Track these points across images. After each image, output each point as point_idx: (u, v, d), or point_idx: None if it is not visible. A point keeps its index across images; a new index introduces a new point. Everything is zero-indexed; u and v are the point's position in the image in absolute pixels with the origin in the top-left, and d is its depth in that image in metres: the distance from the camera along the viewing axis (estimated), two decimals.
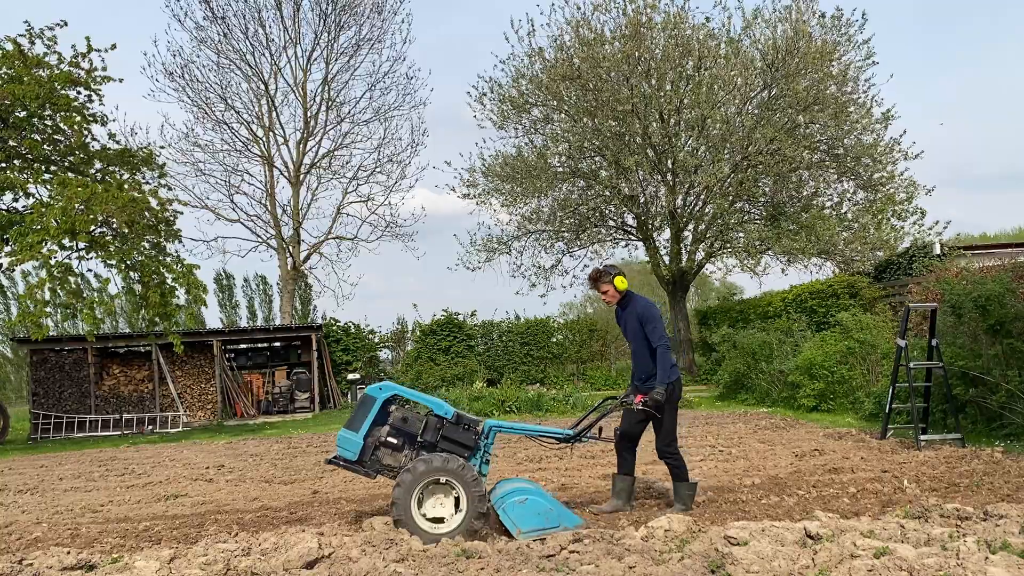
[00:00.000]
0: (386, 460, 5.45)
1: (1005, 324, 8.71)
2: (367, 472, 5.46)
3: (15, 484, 9.29)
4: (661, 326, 5.86)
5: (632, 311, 5.97)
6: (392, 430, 5.43)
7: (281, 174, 25.65)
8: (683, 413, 13.69)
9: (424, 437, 5.41)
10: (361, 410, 5.50)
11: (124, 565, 4.64)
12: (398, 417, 5.44)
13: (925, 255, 18.10)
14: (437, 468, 5.09)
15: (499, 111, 21.86)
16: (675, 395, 5.83)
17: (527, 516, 5.07)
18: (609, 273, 6.00)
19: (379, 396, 5.49)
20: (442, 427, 5.43)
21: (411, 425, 5.43)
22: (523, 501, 5.13)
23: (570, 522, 5.13)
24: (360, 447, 5.40)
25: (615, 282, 5.96)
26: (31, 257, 13.27)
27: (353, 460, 5.41)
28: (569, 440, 5.78)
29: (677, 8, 19.81)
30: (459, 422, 5.46)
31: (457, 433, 5.43)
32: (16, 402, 29.96)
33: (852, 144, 19.57)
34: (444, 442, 5.41)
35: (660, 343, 5.75)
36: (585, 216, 22.15)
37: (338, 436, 5.51)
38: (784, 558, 3.97)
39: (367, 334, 23.16)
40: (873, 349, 12.65)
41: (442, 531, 5.05)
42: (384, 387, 5.55)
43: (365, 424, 5.43)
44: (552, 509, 5.16)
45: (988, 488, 6.07)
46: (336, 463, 5.51)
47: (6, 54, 14.91)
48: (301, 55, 25.34)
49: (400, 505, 5.03)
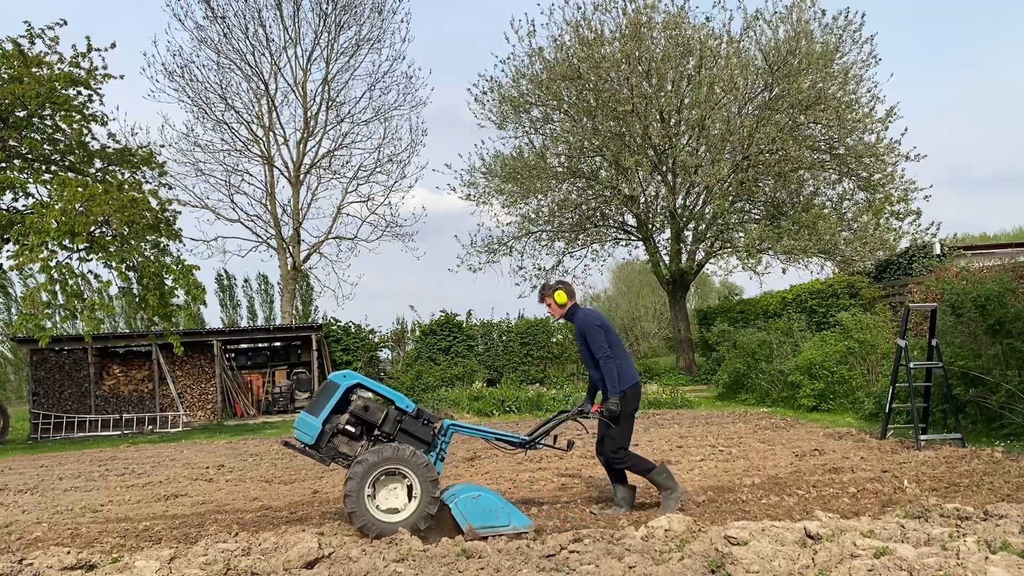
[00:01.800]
0: (342, 448, 5.45)
1: (1005, 324, 8.71)
2: (322, 458, 5.46)
3: (15, 484, 9.29)
4: (602, 337, 5.80)
5: (576, 325, 5.98)
6: (352, 418, 5.42)
7: (281, 174, 25.67)
8: (683, 413, 13.79)
9: (383, 428, 5.42)
10: (322, 395, 5.50)
11: (124, 565, 4.64)
12: (359, 405, 5.43)
13: (925, 255, 18.11)
14: (388, 458, 5.08)
15: (499, 111, 21.88)
16: (630, 404, 5.85)
17: (479, 512, 5.08)
18: (552, 288, 6.02)
19: (342, 383, 5.49)
20: (402, 420, 5.44)
21: (371, 414, 5.41)
22: (476, 498, 5.15)
23: (520, 522, 5.13)
24: (318, 432, 5.39)
25: (555, 296, 5.98)
26: (32, 260, 13.26)
27: (309, 444, 5.41)
28: (524, 446, 5.79)
29: (677, 8, 19.85)
30: (419, 417, 5.48)
31: (416, 427, 5.45)
32: (16, 402, 29.96)
33: (853, 144, 19.58)
34: (402, 435, 5.42)
35: (602, 355, 5.74)
36: (585, 216, 22.16)
37: (296, 420, 5.51)
38: (784, 558, 3.97)
39: (367, 334, 23.15)
40: (873, 349, 12.65)
41: (396, 521, 5.04)
42: (348, 375, 5.57)
43: (325, 410, 5.42)
44: (504, 508, 5.16)
45: (988, 488, 6.07)
46: (292, 446, 5.52)
47: (6, 54, 14.91)
48: (301, 55, 25.37)
49: (353, 497, 5.02)
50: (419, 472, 5.10)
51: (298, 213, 25.48)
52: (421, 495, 5.08)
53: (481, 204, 22.66)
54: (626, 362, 5.92)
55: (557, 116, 21.48)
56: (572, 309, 6.03)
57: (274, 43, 24.86)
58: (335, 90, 25.41)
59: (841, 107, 18.92)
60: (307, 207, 25.72)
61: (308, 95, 25.41)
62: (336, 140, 25.90)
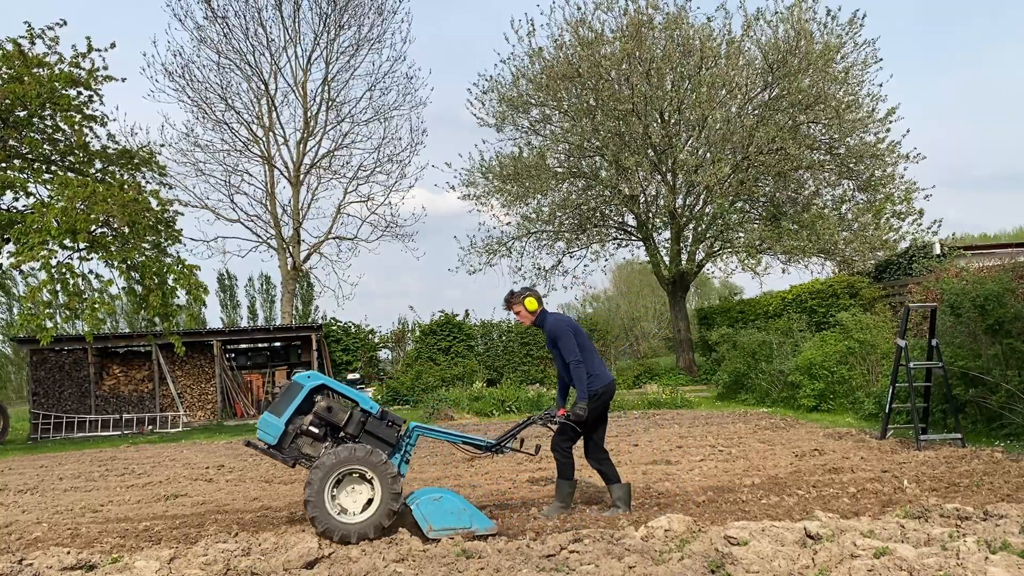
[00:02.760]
0: (306, 449, 5.43)
1: (1004, 324, 8.71)
2: (284, 459, 5.44)
3: (15, 484, 9.29)
4: (571, 341, 5.81)
5: (546, 330, 5.98)
6: (315, 419, 5.40)
7: (281, 174, 25.66)
8: (683, 413, 13.80)
9: (347, 429, 5.40)
10: (286, 396, 5.48)
11: (124, 565, 4.64)
12: (323, 406, 5.40)
13: (925, 255, 18.11)
14: (346, 459, 5.07)
15: (498, 111, 21.88)
16: (598, 403, 5.86)
17: (440, 514, 5.05)
18: (520, 295, 6.00)
19: (306, 384, 5.48)
20: (366, 421, 5.43)
21: (335, 415, 5.39)
22: (438, 499, 5.13)
23: (482, 524, 5.10)
24: (280, 432, 5.37)
25: (525, 303, 5.96)
26: (32, 258, 13.26)
27: (272, 444, 5.39)
28: (491, 449, 5.78)
29: (678, 8, 19.86)
30: (383, 418, 5.46)
31: (380, 429, 5.43)
32: (16, 402, 29.97)
33: (854, 144, 19.58)
34: (366, 436, 5.41)
35: (572, 358, 5.75)
36: (585, 216, 22.16)
37: (259, 419, 5.48)
38: (784, 558, 3.97)
39: (367, 334, 23.16)
40: (873, 349, 12.65)
41: (358, 522, 5.03)
42: (312, 376, 5.55)
43: (288, 410, 5.40)
44: (466, 510, 5.13)
45: (988, 488, 6.06)
46: (254, 447, 5.50)
47: (6, 54, 14.91)
48: (301, 55, 25.35)
49: (314, 501, 5.00)
50: (379, 472, 5.07)
51: (298, 213, 25.47)
52: (382, 495, 5.05)
53: (480, 204, 22.68)
54: (598, 363, 5.94)
55: (557, 116, 21.48)
56: (542, 315, 6.03)
57: (274, 43, 24.88)
58: (335, 90, 25.42)
59: (841, 107, 18.93)
60: (307, 207, 25.74)
61: (308, 95, 25.41)
62: (336, 140, 25.92)
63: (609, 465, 5.95)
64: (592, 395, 5.78)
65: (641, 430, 11.44)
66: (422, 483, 7.72)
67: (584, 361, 5.79)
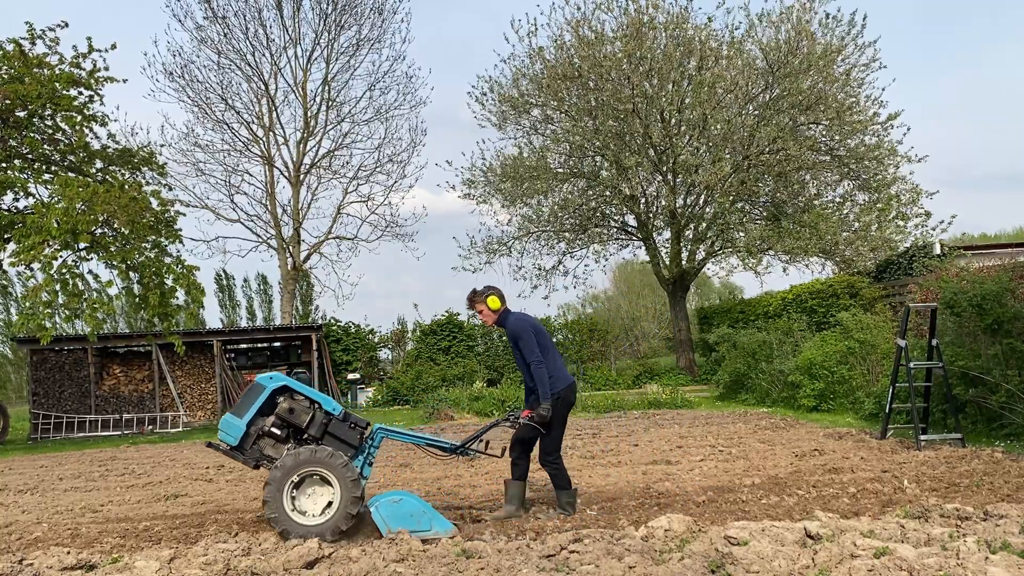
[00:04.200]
0: (268, 451, 5.43)
1: (1004, 324, 8.71)
2: (246, 460, 5.42)
3: (15, 484, 9.29)
4: (533, 341, 5.75)
5: (507, 329, 5.93)
6: (278, 420, 5.40)
7: (281, 174, 25.67)
8: (683, 413, 13.79)
9: (309, 431, 5.39)
10: (248, 397, 5.47)
11: (124, 565, 4.64)
12: (284, 408, 5.39)
13: (925, 255, 18.11)
14: (306, 460, 5.06)
15: (499, 111, 21.88)
16: (561, 404, 5.82)
17: (399, 516, 5.03)
18: (482, 294, 5.95)
19: (268, 385, 5.47)
20: (329, 423, 5.41)
21: (297, 417, 5.38)
22: (397, 502, 5.10)
23: (442, 527, 5.08)
24: (242, 433, 5.37)
25: (488, 302, 5.92)
26: (33, 258, 13.27)
27: (233, 446, 5.39)
28: (455, 451, 5.75)
29: (679, 8, 19.85)
30: (346, 420, 5.45)
31: (343, 431, 5.42)
32: (16, 402, 29.97)
33: (855, 145, 19.58)
34: (329, 438, 5.39)
35: (532, 359, 5.71)
36: (586, 216, 22.16)
37: (221, 420, 5.47)
38: (784, 558, 3.97)
39: (367, 334, 23.16)
40: (873, 349, 12.65)
41: (317, 524, 5.02)
42: (274, 377, 5.55)
43: (250, 412, 5.40)
44: (425, 513, 5.11)
45: (988, 488, 6.06)
46: (216, 447, 5.49)
47: (7, 54, 14.92)
48: (301, 55, 25.36)
49: (272, 503, 5.00)
50: (338, 473, 5.05)
51: (298, 213, 25.48)
52: (342, 497, 5.05)
53: (481, 203, 22.69)
54: (558, 364, 5.90)
55: (557, 116, 21.47)
56: (504, 314, 5.99)
57: (274, 43, 24.89)
58: (335, 90, 25.43)
59: (842, 109, 18.92)
60: (307, 207, 25.75)
61: (308, 95, 25.42)
62: (336, 140, 25.94)
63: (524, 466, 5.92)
64: (555, 396, 5.74)
65: (641, 430, 11.44)
66: (422, 483, 7.72)
67: (545, 362, 5.74)
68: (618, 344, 23.89)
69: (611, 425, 12.40)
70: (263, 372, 21.30)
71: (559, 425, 5.87)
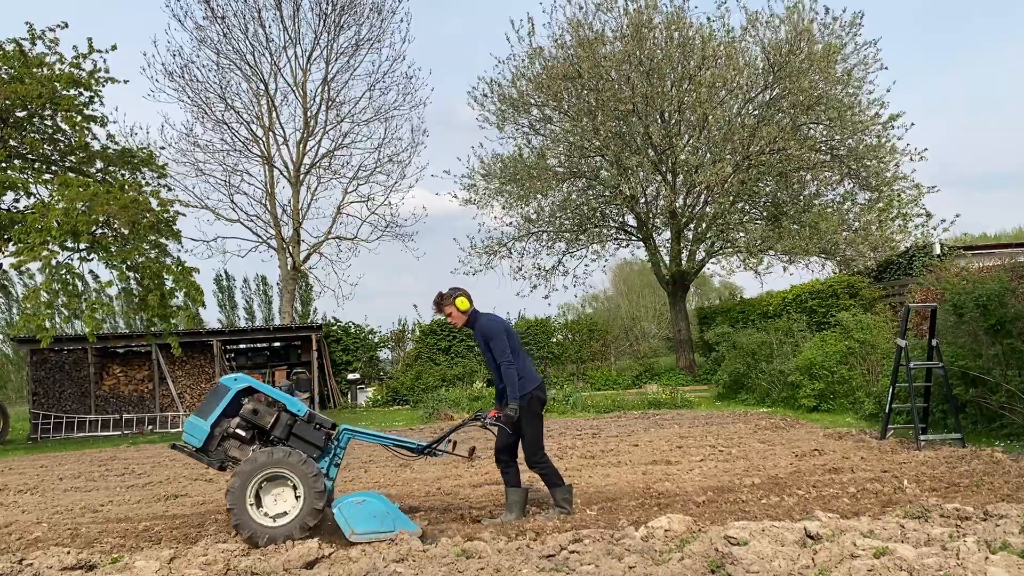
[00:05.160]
0: (232, 452, 5.42)
1: (1005, 324, 8.71)
2: (210, 462, 5.41)
3: (15, 484, 9.29)
4: (503, 342, 5.74)
5: (478, 330, 5.91)
6: (242, 422, 5.39)
7: (281, 174, 25.64)
8: (683, 413, 13.79)
9: (274, 432, 5.39)
10: (212, 399, 5.46)
11: (124, 565, 4.64)
12: (248, 409, 5.38)
13: (925, 255, 18.11)
14: (267, 462, 5.05)
15: (498, 111, 21.87)
16: (534, 407, 5.80)
17: (362, 517, 5.00)
18: (450, 296, 5.91)
19: (232, 387, 5.46)
20: (293, 424, 5.41)
21: (261, 418, 5.37)
22: (360, 502, 5.06)
23: (407, 527, 5.04)
24: (206, 435, 5.36)
25: (456, 303, 5.87)
26: (34, 258, 13.27)
27: (197, 447, 5.38)
28: (422, 452, 5.73)
29: (677, 8, 19.84)
30: (311, 421, 5.44)
31: (308, 432, 5.41)
32: (16, 402, 29.94)
33: (855, 145, 19.57)
34: (294, 439, 5.38)
35: (502, 359, 5.69)
36: (586, 216, 22.15)
37: (185, 422, 5.47)
38: (784, 558, 3.97)
39: (367, 334, 23.15)
40: (873, 349, 12.65)
41: (282, 525, 5.01)
42: (239, 378, 5.54)
43: (214, 413, 5.39)
44: (389, 513, 5.06)
45: (988, 488, 6.07)
46: (181, 450, 5.48)
47: (7, 54, 14.92)
48: (301, 55, 25.32)
49: (235, 507, 4.99)
50: (300, 473, 5.05)
51: (298, 213, 25.46)
52: (305, 497, 5.04)
53: (481, 207, 22.68)
54: (527, 365, 5.89)
55: (557, 116, 21.46)
56: (473, 315, 5.96)
57: (274, 43, 24.85)
58: (335, 90, 25.39)
59: (843, 108, 18.91)
60: (307, 207, 25.71)
61: (308, 95, 25.40)
62: (336, 140, 25.88)
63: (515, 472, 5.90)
64: (525, 397, 5.73)
65: (641, 430, 11.45)
66: (422, 484, 7.72)
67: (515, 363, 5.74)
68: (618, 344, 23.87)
69: (611, 425, 12.40)
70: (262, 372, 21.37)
71: (535, 424, 5.85)
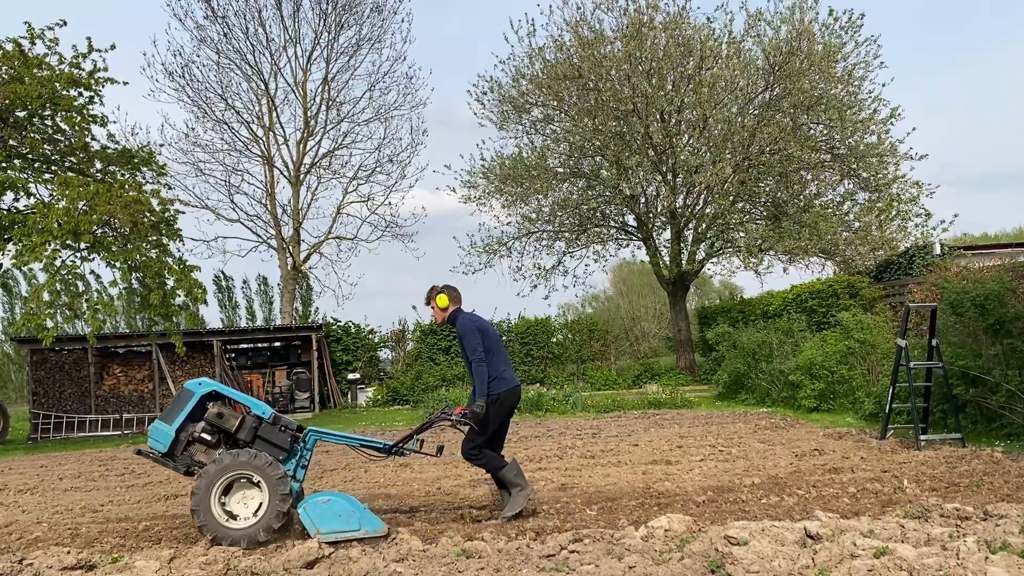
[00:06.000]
0: (199, 456, 5.42)
1: (1005, 324, 8.71)
2: (176, 467, 5.41)
3: (15, 484, 9.29)
4: (476, 340, 5.81)
5: (456, 328, 5.99)
6: (207, 426, 5.39)
7: (281, 174, 25.64)
8: (683, 413, 13.79)
9: (239, 435, 5.39)
10: (177, 403, 5.46)
11: (124, 565, 4.64)
12: (213, 413, 5.39)
13: (925, 255, 18.12)
14: (230, 464, 5.06)
15: (499, 111, 21.88)
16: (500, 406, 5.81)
17: (328, 517, 5.01)
18: (435, 292, 6.05)
19: (197, 391, 5.46)
20: (259, 427, 5.41)
21: (226, 421, 5.38)
22: (326, 502, 5.07)
23: (372, 527, 5.04)
24: (171, 440, 5.36)
25: (437, 301, 6.02)
26: (35, 258, 13.27)
27: (163, 453, 5.38)
28: (390, 452, 5.74)
29: (678, 8, 19.85)
30: (276, 423, 5.44)
31: (274, 434, 5.42)
32: (16, 402, 29.95)
33: (855, 145, 19.57)
34: (260, 442, 5.39)
35: (474, 357, 5.78)
36: (586, 216, 22.16)
37: (150, 428, 5.46)
38: (784, 558, 3.97)
39: (367, 334, 23.15)
40: (873, 349, 12.65)
41: (246, 527, 5.01)
42: (203, 382, 5.54)
43: (179, 418, 5.39)
44: (355, 512, 5.05)
45: (988, 488, 6.07)
46: (147, 455, 5.48)
47: (6, 54, 14.92)
48: (301, 55, 25.33)
49: (200, 509, 4.99)
50: (264, 474, 5.05)
51: (298, 213, 25.46)
52: (270, 497, 5.05)
53: (481, 205, 22.69)
54: (504, 367, 5.91)
55: (557, 116, 21.47)
56: (454, 313, 6.07)
57: (274, 43, 24.85)
58: (335, 90, 25.39)
59: (843, 108, 18.91)
60: (307, 207, 25.72)
61: (308, 95, 25.40)
62: (336, 140, 25.89)
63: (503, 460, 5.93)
64: (494, 398, 5.76)
65: (641, 430, 11.45)
66: (422, 483, 7.72)
67: (489, 363, 5.79)
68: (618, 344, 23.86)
69: (611, 425, 12.40)
70: (263, 372, 21.35)
71: (492, 425, 5.87)
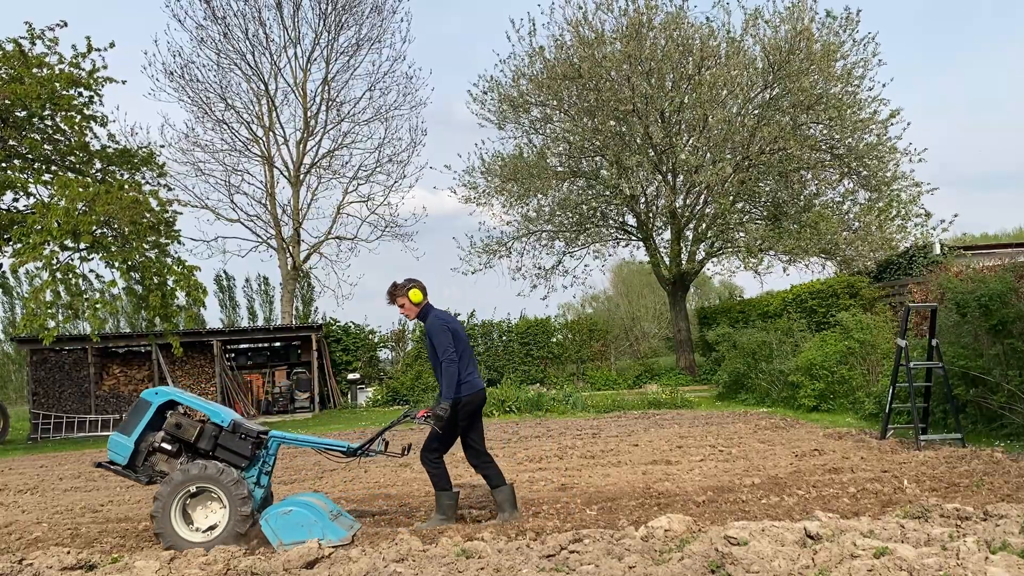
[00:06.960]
0: (160, 466, 5.39)
1: (1007, 324, 8.70)
2: (138, 478, 5.39)
3: (15, 484, 9.29)
4: (447, 340, 5.60)
5: (426, 326, 5.80)
6: (167, 436, 5.35)
7: (281, 174, 25.65)
8: (683, 413, 13.79)
9: (199, 444, 5.35)
10: (135, 414, 5.43)
11: (124, 565, 4.64)
12: (171, 423, 5.35)
13: (925, 255, 18.11)
14: (193, 477, 5.05)
15: (499, 111, 21.87)
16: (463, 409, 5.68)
17: (289, 528, 4.99)
18: (404, 287, 5.77)
19: (154, 401, 5.44)
20: (219, 435, 5.37)
21: (184, 431, 5.34)
22: (287, 512, 5.04)
23: (335, 535, 5.02)
24: (131, 452, 5.34)
25: (409, 295, 5.74)
26: (34, 258, 13.27)
27: (123, 465, 5.35)
28: (353, 454, 5.67)
29: (676, 8, 19.85)
30: (236, 431, 5.39)
31: (233, 442, 5.37)
32: (16, 402, 29.95)
33: (855, 144, 19.57)
34: (220, 451, 5.35)
35: (444, 357, 5.56)
36: (586, 216, 22.16)
37: (109, 440, 5.43)
38: (784, 558, 3.97)
39: (367, 334, 23.15)
40: (873, 349, 12.64)
41: (203, 540, 5.01)
42: (160, 392, 5.51)
43: (137, 429, 5.37)
44: (317, 522, 5.02)
45: (988, 488, 6.07)
46: (107, 467, 5.45)
47: (6, 54, 14.92)
48: (301, 55, 25.33)
49: (159, 517, 4.99)
50: (224, 487, 5.04)
51: (298, 213, 25.46)
52: (230, 510, 5.04)
53: (481, 205, 22.70)
54: (472, 370, 5.78)
55: (557, 116, 21.47)
56: (426, 309, 5.84)
57: (274, 43, 24.86)
58: (335, 90, 25.40)
59: (843, 107, 18.90)
60: (307, 207, 25.72)
61: (308, 95, 25.40)
62: (336, 140, 25.90)
63: (492, 468, 5.83)
64: (459, 401, 5.61)
65: (641, 430, 11.45)
66: (422, 483, 7.72)
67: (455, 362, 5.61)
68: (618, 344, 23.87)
69: (611, 425, 12.40)
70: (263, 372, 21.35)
71: (473, 427, 5.80)
